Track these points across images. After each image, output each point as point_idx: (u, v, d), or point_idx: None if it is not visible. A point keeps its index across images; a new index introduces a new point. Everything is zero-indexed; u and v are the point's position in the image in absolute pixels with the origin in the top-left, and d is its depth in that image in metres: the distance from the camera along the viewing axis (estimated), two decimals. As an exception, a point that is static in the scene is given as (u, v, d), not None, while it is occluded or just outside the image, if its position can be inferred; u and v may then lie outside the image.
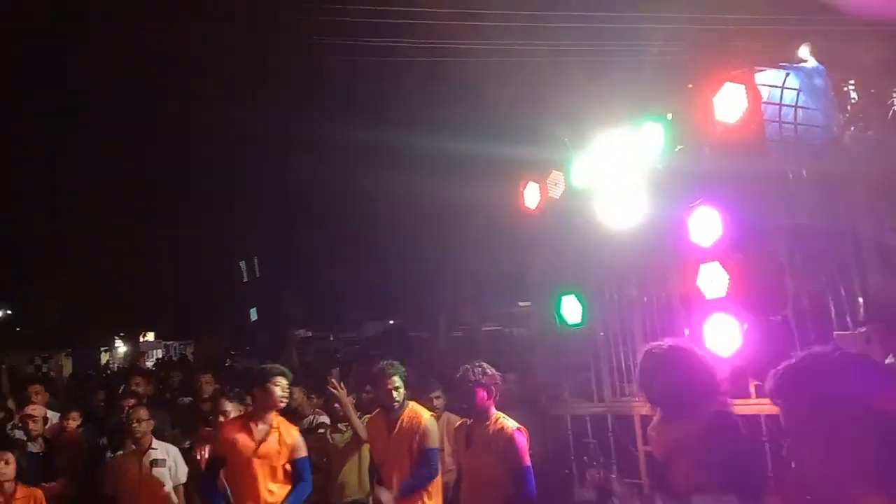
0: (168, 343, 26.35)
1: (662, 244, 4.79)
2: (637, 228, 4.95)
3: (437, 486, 4.75)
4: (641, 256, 5.07)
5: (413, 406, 4.86)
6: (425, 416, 4.78)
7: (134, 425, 5.49)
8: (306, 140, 13.08)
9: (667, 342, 3.69)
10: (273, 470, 4.62)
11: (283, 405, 4.75)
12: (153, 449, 5.42)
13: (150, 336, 26.62)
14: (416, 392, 5.61)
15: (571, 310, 5.56)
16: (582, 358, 5.70)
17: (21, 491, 5.11)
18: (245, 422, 4.74)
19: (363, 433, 5.39)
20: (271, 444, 4.63)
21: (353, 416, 5.54)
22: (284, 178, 14.02)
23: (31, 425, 6.19)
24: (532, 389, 6.08)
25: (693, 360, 3.43)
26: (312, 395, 6.49)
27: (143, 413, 5.64)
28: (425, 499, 4.67)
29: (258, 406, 4.74)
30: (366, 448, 5.52)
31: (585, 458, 5.60)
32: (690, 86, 4.77)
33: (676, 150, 4.78)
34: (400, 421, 4.74)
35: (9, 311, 35.32)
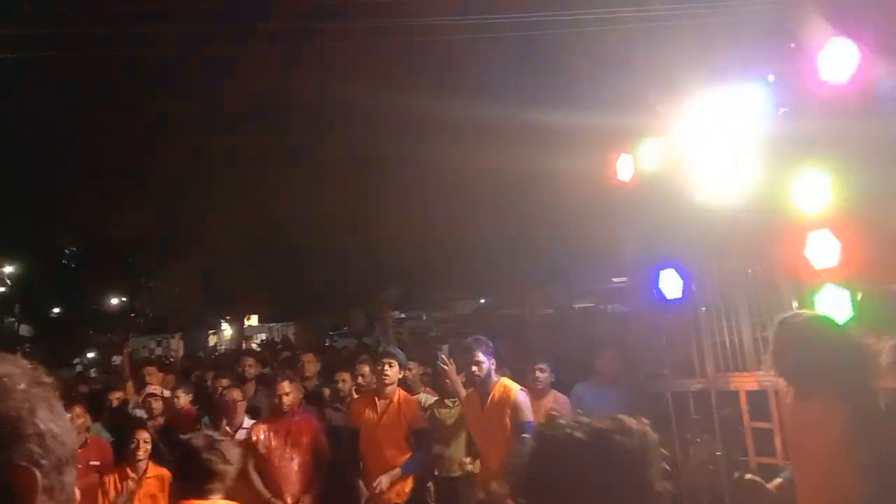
0: (270, 325, 27.46)
1: (766, 213, 4.57)
2: (738, 197, 4.74)
3: None
4: (743, 226, 4.85)
5: (503, 381, 4.99)
6: (514, 389, 4.88)
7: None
8: (391, 116, 13.14)
9: (804, 312, 3.48)
10: (394, 438, 5.28)
11: (387, 381, 5.36)
12: (243, 428, 5.72)
13: (254, 319, 27.82)
14: (516, 367, 5.66)
15: (670, 284, 5.41)
16: (682, 333, 5.55)
17: (152, 470, 5.42)
18: (370, 397, 5.47)
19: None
20: (391, 415, 5.31)
21: (462, 391, 5.62)
22: (373, 158, 14.12)
23: (154, 404, 6.59)
24: (630, 366, 5.98)
25: (835, 333, 3.14)
26: (428, 371, 6.64)
27: (236, 394, 5.96)
28: None
29: (379, 384, 5.44)
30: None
31: (689, 435, 5.47)
32: (793, 45, 4.51)
33: (779, 113, 4.53)
34: (491, 396, 4.88)
35: (124, 299, 37.68)
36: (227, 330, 28.61)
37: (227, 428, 5.74)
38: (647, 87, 5.55)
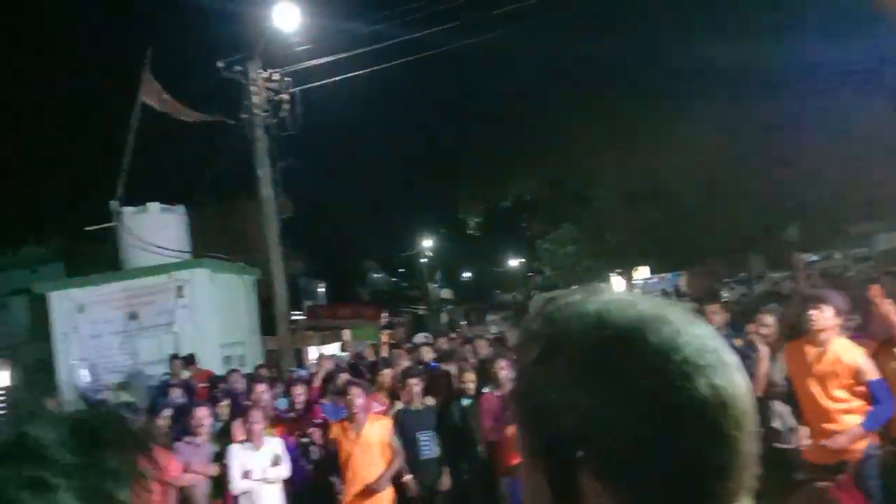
0: (662, 276, 27.13)
1: None
2: None
3: None
4: None
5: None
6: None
7: None
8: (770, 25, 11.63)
9: None
10: (833, 389, 4.68)
11: (815, 327, 4.76)
12: None
13: (644, 270, 27.79)
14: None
15: None
16: None
17: None
18: (801, 345, 4.95)
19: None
20: (825, 364, 4.70)
21: None
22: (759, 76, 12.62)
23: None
24: None
25: None
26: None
27: None
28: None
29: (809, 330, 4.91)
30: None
31: None
32: None
33: None
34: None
35: (522, 261, 41.26)
36: (616, 282, 29.19)
37: None
38: None
